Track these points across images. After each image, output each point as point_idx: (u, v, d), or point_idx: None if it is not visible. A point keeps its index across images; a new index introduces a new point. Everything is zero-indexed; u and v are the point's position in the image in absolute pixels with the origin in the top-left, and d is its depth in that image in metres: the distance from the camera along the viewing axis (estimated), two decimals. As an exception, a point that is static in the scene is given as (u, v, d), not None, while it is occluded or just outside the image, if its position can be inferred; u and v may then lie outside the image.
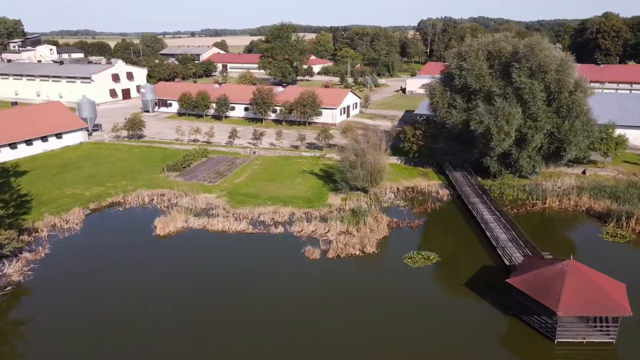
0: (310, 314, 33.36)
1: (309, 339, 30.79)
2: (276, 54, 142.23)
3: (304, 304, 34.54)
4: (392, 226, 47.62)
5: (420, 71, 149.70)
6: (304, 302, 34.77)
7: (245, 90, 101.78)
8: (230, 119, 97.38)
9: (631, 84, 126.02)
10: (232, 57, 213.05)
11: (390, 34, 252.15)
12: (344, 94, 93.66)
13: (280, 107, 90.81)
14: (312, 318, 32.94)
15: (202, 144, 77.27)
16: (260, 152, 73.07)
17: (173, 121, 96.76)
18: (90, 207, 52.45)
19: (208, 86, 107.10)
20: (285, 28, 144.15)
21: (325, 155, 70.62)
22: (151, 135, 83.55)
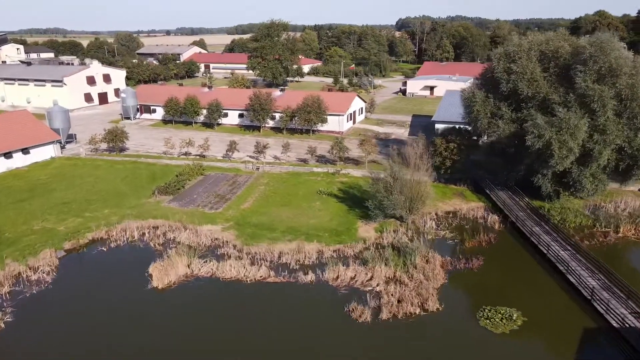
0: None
1: None
2: (266, 54, 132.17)
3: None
4: (447, 267, 38.64)
5: (419, 72, 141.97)
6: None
7: (238, 94, 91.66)
8: (223, 126, 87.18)
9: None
10: (215, 56, 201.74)
11: (378, 32, 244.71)
12: (351, 99, 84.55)
13: (281, 113, 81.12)
14: None
15: (196, 158, 67.07)
16: (264, 168, 63.32)
17: (158, 130, 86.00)
18: (65, 248, 41.98)
19: (196, 90, 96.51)
20: (276, 26, 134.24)
21: (340, 172, 61.33)
22: (135, 148, 72.84)
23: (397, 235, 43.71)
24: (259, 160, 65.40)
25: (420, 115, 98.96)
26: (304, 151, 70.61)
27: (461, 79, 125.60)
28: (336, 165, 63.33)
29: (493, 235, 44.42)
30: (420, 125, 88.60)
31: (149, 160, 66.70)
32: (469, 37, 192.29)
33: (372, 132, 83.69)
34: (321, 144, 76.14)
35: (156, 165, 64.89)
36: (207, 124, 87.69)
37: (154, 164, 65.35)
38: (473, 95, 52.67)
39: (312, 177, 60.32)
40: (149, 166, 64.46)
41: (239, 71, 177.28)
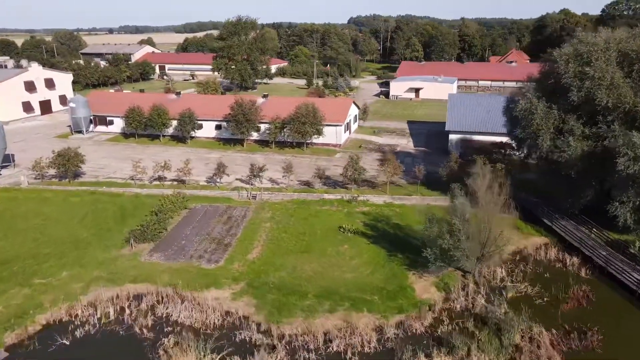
0: None
1: None
2: (233, 54, 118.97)
3: None
4: (560, 347, 28.41)
5: (398, 72, 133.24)
6: None
7: (213, 102, 78.59)
8: (198, 140, 73.91)
9: None
10: (170, 57, 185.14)
11: (341, 31, 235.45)
12: (348, 106, 73.58)
13: (268, 124, 68.98)
14: None
15: (173, 185, 54.01)
16: (262, 196, 51.27)
17: (119, 146, 71.57)
18: (7, 344, 28.56)
19: (161, 97, 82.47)
20: (243, 24, 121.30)
21: (357, 198, 50.27)
22: (93, 172, 58.59)
23: (467, 295, 33.25)
24: (254, 187, 53.20)
25: (415, 122, 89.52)
26: (303, 170, 59.17)
27: (447, 79, 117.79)
28: (351, 190, 52.18)
29: (586, 288, 34.72)
30: (423, 134, 79.08)
31: (114, 190, 52.93)
32: (439, 36, 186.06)
33: (372, 143, 73.13)
34: (319, 159, 64.83)
35: (123, 197, 51.30)
36: (177, 137, 74.14)
37: (120, 195, 51.69)
38: (531, 105, 42.95)
39: (324, 207, 48.88)
40: (114, 198, 50.78)
41: (201, 72, 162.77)
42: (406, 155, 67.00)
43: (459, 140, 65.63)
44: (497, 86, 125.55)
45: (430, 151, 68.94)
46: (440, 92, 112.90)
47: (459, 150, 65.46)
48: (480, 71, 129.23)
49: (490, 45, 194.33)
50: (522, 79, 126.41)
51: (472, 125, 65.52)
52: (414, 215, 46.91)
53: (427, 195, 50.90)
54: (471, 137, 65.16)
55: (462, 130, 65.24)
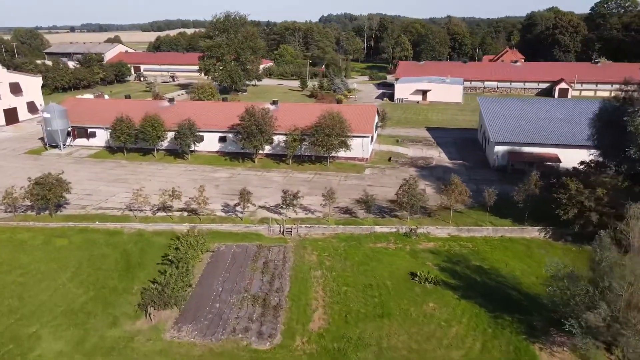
0: None
1: None
2: (223, 54, 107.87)
3: None
4: None
5: (397, 73, 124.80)
6: None
7: (213, 109, 67.94)
8: (198, 155, 63.20)
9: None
10: (147, 56, 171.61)
11: (324, 29, 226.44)
12: (372, 113, 64.27)
13: (285, 135, 59.05)
14: None
15: (183, 217, 43.53)
16: (298, 230, 41.48)
17: (105, 164, 60.13)
18: None
19: (151, 104, 71.25)
20: (232, 20, 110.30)
21: (416, 231, 41.13)
22: (78, 200, 47.33)
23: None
24: (287, 218, 43.27)
25: (434, 128, 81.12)
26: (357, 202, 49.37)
27: (454, 81, 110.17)
28: (405, 221, 42.92)
29: None
30: (451, 143, 70.64)
31: (109, 226, 42.04)
32: (429, 35, 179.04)
33: (401, 155, 64.09)
34: (348, 177, 55.40)
35: (123, 235, 40.58)
36: (174, 152, 63.29)
37: (118, 233, 40.94)
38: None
39: (380, 245, 39.55)
40: (112, 238, 39.98)
41: (182, 73, 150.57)
42: (444, 170, 58.24)
43: (505, 153, 57.39)
44: (504, 87, 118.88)
45: (470, 165, 60.47)
46: (449, 94, 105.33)
47: (506, 163, 57.35)
48: (485, 71, 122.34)
49: (480, 44, 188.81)
50: (530, 79, 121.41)
51: (521, 135, 57.36)
52: (495, 253, 38.24)
53: (500, 225, 42.16)
54: (520, 149, 57.04)
55: (511, 142, 56.95)
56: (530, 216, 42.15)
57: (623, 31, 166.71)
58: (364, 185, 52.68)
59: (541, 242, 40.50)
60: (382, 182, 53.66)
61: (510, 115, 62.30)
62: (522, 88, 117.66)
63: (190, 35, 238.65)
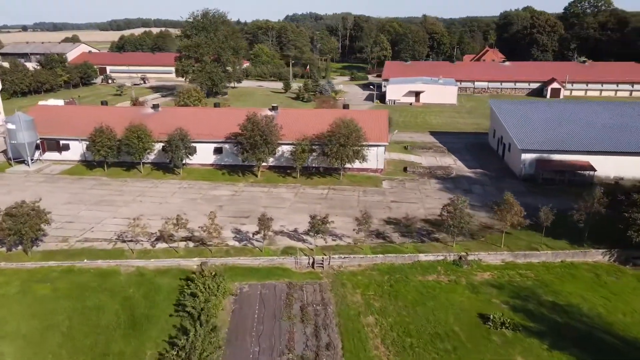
0: None
1: None
2: (202, 54, 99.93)
3: None
4: None
5: (386, 73, 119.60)
6: None
7: (205, 117, 60.60)
8: (192, 169, 55.85)
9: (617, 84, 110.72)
10: (113, 57, 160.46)
11: (298, 29, 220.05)
12: (385, 120, 58.47)
13: (292, 145, 52.56)
14: None
15: (189, 249, 36.48)
16: (330, 261, 35.23)
17: (84, 182, 51.96)
18: None
19: (132, 111, 63.32)
20: (211, 18, 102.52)
21: (467, 259, 35.64)
22: (57, 230, 39.33)
23: None
24: (315, 246, 36.88)
25: (439, 133, 76.26)
26: (354, 210, 43.41)
27: (448, 81, 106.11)
28: (451, 246, 37.31)
29: None
30: (463, 150, 65.89)
31: (100, 264, 34.56)
32: (408, 34, 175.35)
33: (415, 165, 58.65)
34: (366, 192, 49.50)
35: (119, 276, 33.26)
36: (162, 165, 55.79)
37: (113, 272, 33.58)
38: None
39: (429, 277, 33.85)
40: (106, 280, 32.60)
41: (153, 75, 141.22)
42: (468, 181, 53.19)
43: (533, 161, 52.82)
44: (494, 88, 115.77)
45: (492, 174, 55.64)
46: (443, 95, 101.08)
47: (534, 172, 52.80)
48: (474, 71, 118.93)
49: (458, 44, 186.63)
50: (521, 79, 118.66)
51: (549, 142, 52.89)
52: (565, 284, 33.18)
53: (557, 248, 37.15)
54: (549, 157, 52.59)
55: (539, 149, 52.37)
56: (588, 236, 37.41)
57: (599, 30, 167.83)
58: (387, 201, 46.97)
59: (607, 267, 35.76)
60: (406, 198, 48.00)
61: (533, 120, 57.92)
62: (513, 88, 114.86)
63: (156, 35, 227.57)
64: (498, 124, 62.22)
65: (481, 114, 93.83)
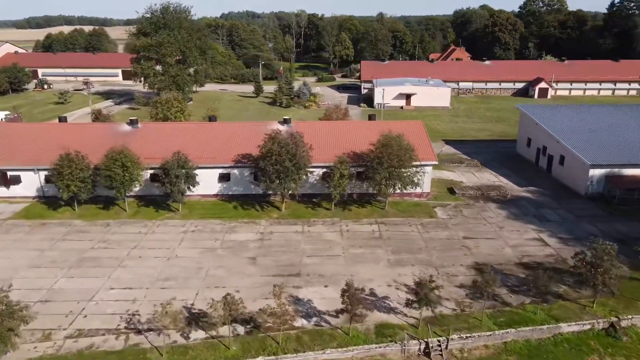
0: None
1: None
2: (164, 55, 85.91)
3: None
4: None
5: (364, 74, 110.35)
6: None
7: (198, 134, 48.05)
8: (190, 201, 43.38)
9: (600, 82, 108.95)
10: (46, 58, 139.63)
11: (250, 27, 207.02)
12: (424, 131, 48.85)
13: (329, 167, 41.79)
14: None
15: (237, 336, 25.00)
16: (446, 344, 25.12)
17: (50, 230, 38.15)
18: None
19: (103, 129, 49.47)
20: (173, 13, 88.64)
21: (621, 325, 26.85)
22: (30, 322, 26.30)
23: None
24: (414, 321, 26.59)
25: (454, 142, 68.27)
26: (423, 255, 33.81)
27: (438, 82, 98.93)
28: (590, 307, 28.33)
29: None
30: (493, 162, 58.00)
31: (116, 381, 22.38)
32: (371, 32, 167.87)
33: (458, 185, 49.73)
34: (425, 226, 39.79)
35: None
36: (149, 199, 43.08)
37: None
38: None
39: None
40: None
41: (97, 79, 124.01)
42: (531, 204, 44.84)
43: (602, 177, 45.48)
44: (479, 88, 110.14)
45: (548, 192, 47.71)
46: (436, 97, 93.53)
47: (602, 189, 45.52)
48: (457, 71, 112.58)
49: (419, 42, 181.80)
50: (506, 79, 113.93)
51: (619, 154, 45.79)
52: None
53: None
54: (620, 172, 45.49)
55: (609, 163, 45.09)
56: None
57: (559, 29, 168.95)
58: (458, 238, 37.59)
59: None
60: (477, 231, 38.80)
61: (580, 128, 50.99)
62: (498, 88, 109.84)
63: (89, 33, 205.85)
64: (538, 132, 54.77)
65: (482, 117, 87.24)
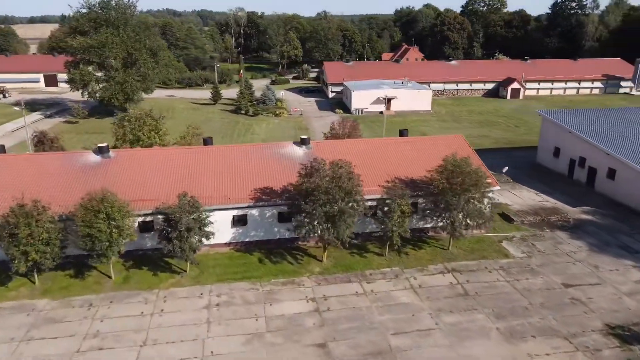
0: None
1: None
2: (108, 57, 71.87)
3: None
4: None
5: (330, 77, 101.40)
6: None
7: (195, 161, 36.63)
8: (199, 254, 32.18)
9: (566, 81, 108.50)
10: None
11: (183, 25, 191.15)
12: (468, 147, 40.91)
13: (385, 201, 32.45)
14: None
15: None
16: None
17: (5, 322, 25.58)
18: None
19: (55, 160, 36.33)
20: (117, 8, 74.69)
21: None
22: None
23: None
24: None
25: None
26: (535, 317, 26.05)
27: (417, 85, 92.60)
28: None
29: None
30: (520, 175, 51.46)
31: None
32: (320, 31, 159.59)
33: (503, 206, 42.41)
34: (507, 271, 31.98)
35: None
36: (136, 256, 31.48)
37: None
38: None
39: None
40: None
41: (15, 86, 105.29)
42: (604, 230, 38.41)
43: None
44: (450, 90, 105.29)
45: (608, 212, 41.72)
46: (417, 101, 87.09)
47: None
48: (425, 72, 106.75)
49: (368, 42, 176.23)
50: (477, 80, 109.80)
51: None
52: None
53: None
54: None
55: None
56: None
57: (505, 28, 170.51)
58: (557, 285, 30.22)
59: None
60: (573, 275, 31.52)
61: (618, 136, 45.99)
62: (469, 89, 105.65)
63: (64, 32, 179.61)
64: (572, 142, 49.04)
65: (472, 121, 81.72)
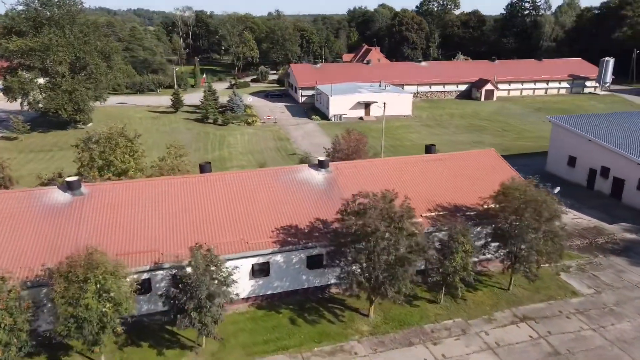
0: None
1: None
2: (54, 61, 61.77)
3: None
4: None
5: (300, 80, 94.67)
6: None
7: (196, 193, 29.18)
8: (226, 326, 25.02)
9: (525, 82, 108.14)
10: None
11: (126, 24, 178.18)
12: (502, 163, 35.89)
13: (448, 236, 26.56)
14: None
15: None
16: None
17: None
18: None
19: (19, 202, 27.70)
20: (61, 4, 64.55)
21: None
22: None
23: None
24: None
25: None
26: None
27: (395, 88, 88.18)
28: None
29: None
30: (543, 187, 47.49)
31: None
32: (277, 31, 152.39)
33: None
34: (589, 317, 27.31)
35: None
36: (137, 321, 23.92)
37: None
38: None
39: None
40: None
41: None
42: (652, 250, 34.78)
43: None
44: (424, 92, 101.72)
45: (644, 227, 38.41)
46: (397, 105, 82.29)
47: None
48: (397, 74, 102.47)
49: (325, 42, 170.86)
50: (449, 81, 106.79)
51: None
52: None
53: None
54: None
55: None
56: None
57: (462, 28, 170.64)
58: None
59: None
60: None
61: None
62: (442, 91, 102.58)
63: None
64: (591, 150, 45.68)
65: (458, 126, 78.18)
